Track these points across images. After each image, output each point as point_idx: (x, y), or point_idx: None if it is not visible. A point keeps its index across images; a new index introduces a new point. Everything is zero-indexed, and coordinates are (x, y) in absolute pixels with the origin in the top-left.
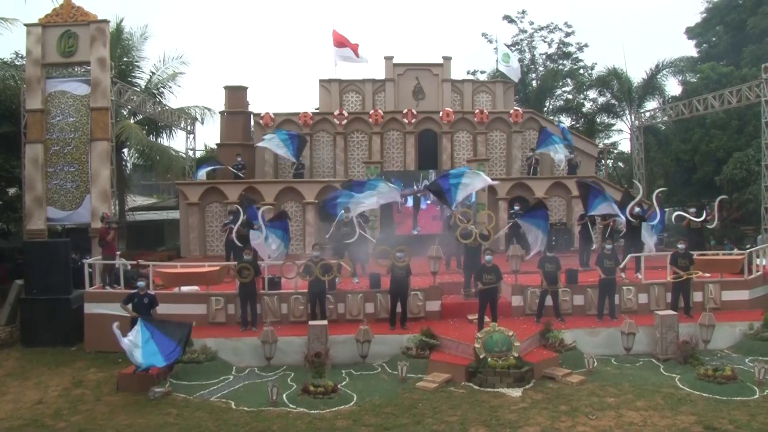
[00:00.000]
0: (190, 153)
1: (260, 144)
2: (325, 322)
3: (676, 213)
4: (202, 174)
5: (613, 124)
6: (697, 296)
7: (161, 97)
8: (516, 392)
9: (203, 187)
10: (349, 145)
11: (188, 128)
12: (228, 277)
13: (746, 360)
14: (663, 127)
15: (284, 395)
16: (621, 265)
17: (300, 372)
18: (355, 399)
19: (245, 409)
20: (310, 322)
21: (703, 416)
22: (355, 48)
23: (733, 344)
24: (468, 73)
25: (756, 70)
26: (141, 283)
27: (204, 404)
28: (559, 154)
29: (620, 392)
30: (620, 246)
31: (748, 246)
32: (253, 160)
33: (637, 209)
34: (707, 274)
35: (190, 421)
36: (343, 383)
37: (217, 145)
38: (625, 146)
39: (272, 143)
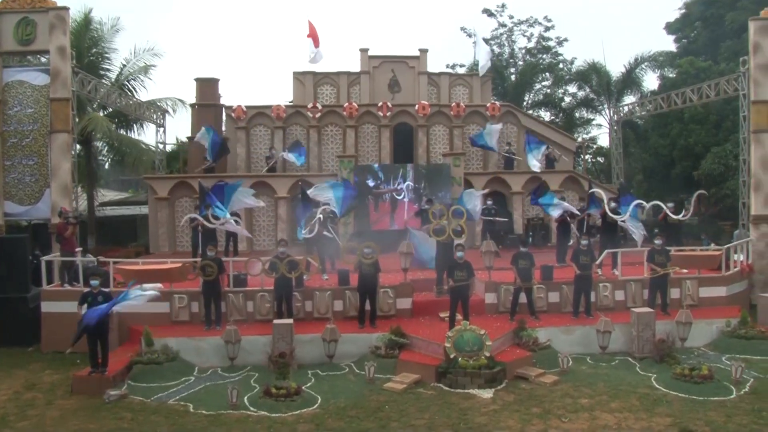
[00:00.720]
0: (161, 146)
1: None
2: (290, 320)
3: (652, 203)
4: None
5: (593, 119)
6: (674, 293)
7: (133, 89)
8: (487, 393)
9: (172, 181)
10: (323, 139)
11: (158, 121)
12: (191, 274)
13: (723, 358)
14: (641, 122)
15: (246, 398)
16: (597, 261)
17: (264, 373)
18: (319, 401)
19: (203, 412)
20: (275, 321)
21: (678, 418)
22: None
23: (710, 342)
24: (447, 67)
25: (734, 65)
26: (94, 282)
27: (161, 407)
28: (534, 162)
29: (595, 393)
30: (597, 242)
31: (725, 241)
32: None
33: (613, 204)
34: (685, 270)
35: (145, 426)
36: (308, 384)
37: (188, 138)
38: (603, 141)
39: (201, 137)
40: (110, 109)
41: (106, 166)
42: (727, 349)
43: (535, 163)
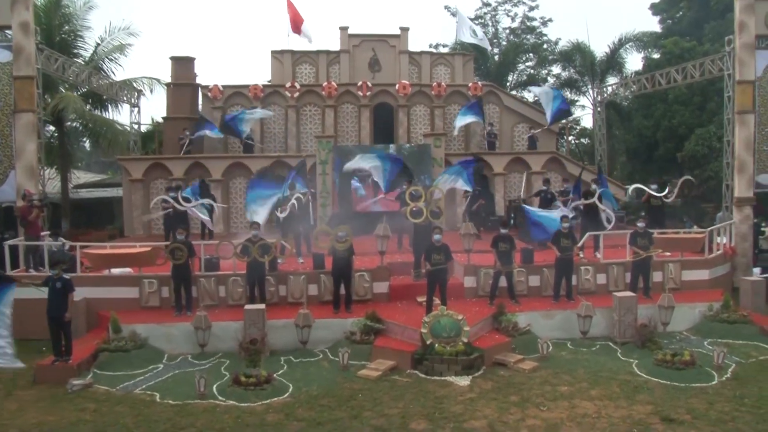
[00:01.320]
0: (135, 127)
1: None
2: (262, 306)
3: (635, 186)
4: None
5: (576, 101)
6: (656, 276)
7: (108, 69)
8: (464, 381)
9: (146, 162)
10: (302, 119)
11: (133, 101)
12: (161, 258)
13: (705, 342)
14: (625, 103)
15: (215, 386)
16: (579, 244)
17: (236, 360)
18: (290, 389)
19: (170, 402)
20: (246, 307)
21: (660, 406)
22: (299, 22)
23: (693, 326)
24: (430, 46)
25: (719, 46)
26: (53, 270)
27: (126, 397)
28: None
29: (574, 380)
30: (578, 224)
31: (707, 223)
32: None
33: (593, 186)
34: (667, 253)
35: (108, 417)
36: (280, 372)
37: (163, 118)
38: (587, 122)
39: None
40: (85, 89)
41: (87, 147)
42: (709, 334)
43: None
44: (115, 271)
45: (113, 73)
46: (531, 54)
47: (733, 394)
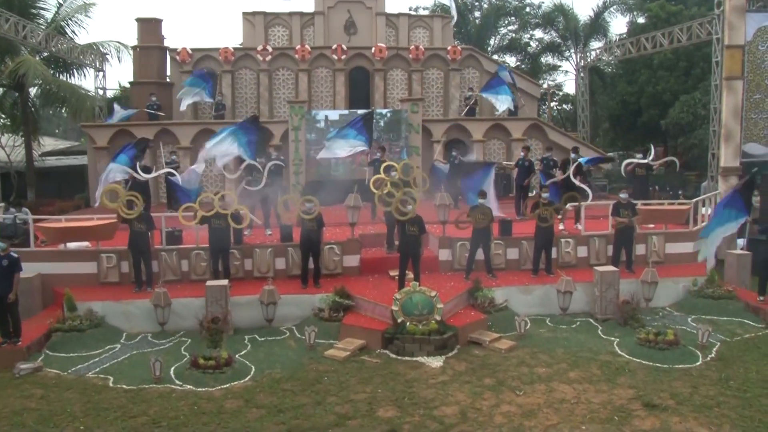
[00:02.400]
0: (100, 92)
1: (182, 104)
2: (225, 282)
3: (627, 162)
4: (117, 118)
5: (559, 66)
6: (639, 249)
7: (71, 32)
8: (436, 362)
9: (112, 129)
10: (274, 84)
11: (97, 65)
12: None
13: (689, 319)
14: (609, 69)
15: (172, 369)
16: (559, 215)
17: (198, 339)
18: (252, 372)
19: (124, 387)
20: (208, 283)
21: (642, 389)
22: None
23: (676, 301)
24: (410, 9)
25: (705, 10)
26: (1, 244)
27: (77, 382)
28: (502, 104)
29: (553, 360)
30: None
31: (690, 192)
32: (169, 99)
33: (572, 155)
34: (651, 225)
35: (55, 405)
36: (243, 352)
37: (130, 83)
38: (569, 88)
39: (188, 95)
40: (46, 53)
41: (64, 113)
42: (693, 310)
43: (502, 107)
44: (72, 245)
45: (76, 35)
46: (513, 17)
47: (718, 377)
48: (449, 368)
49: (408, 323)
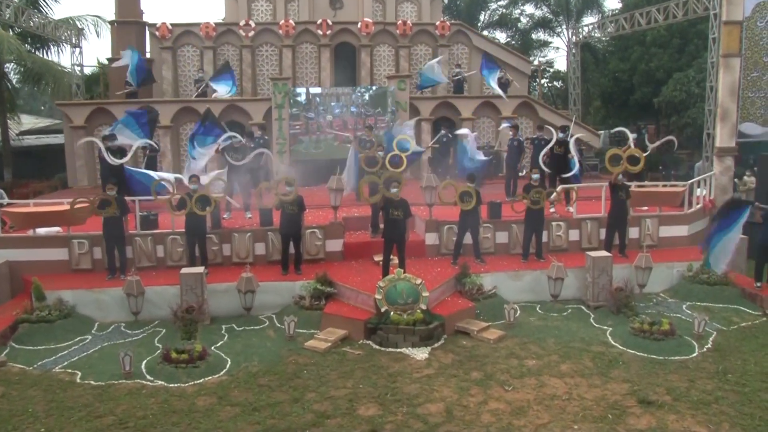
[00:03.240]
0: (77, 69)
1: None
2: (201, 269)
3: (617, 129)
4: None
5: (550, 42)
6: (632, 232)
7: (46, 6)
8: (422, 353)
9: (89, 107)
10: (257, 60)
11: (74, 41)
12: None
13: (684, 306)
14: (600, 45)
15: (144, 363)
16: (550, 198)
17: (173, 329)
18: (228, 365)
19: (92, 383)
20: (183, 271)
21: (636, 384)
22: None
23: (670, 287)
24: None
25: None
26: None
27: (42, 378)
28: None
29: (543, 351)
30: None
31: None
32: (149, 76)
33: (561, 134)
34: (644, 208)
35: (16, 404)
36: (219, 343)
37: (108, 60)
38: (561, 65)
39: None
40: (20, 29)
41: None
42: (688, 296)
43: (495, 86)
44: (41, 230)
45: (51, 10)
46: None
47: (716, 369)
48: (435, 360)
49: (392, 312)
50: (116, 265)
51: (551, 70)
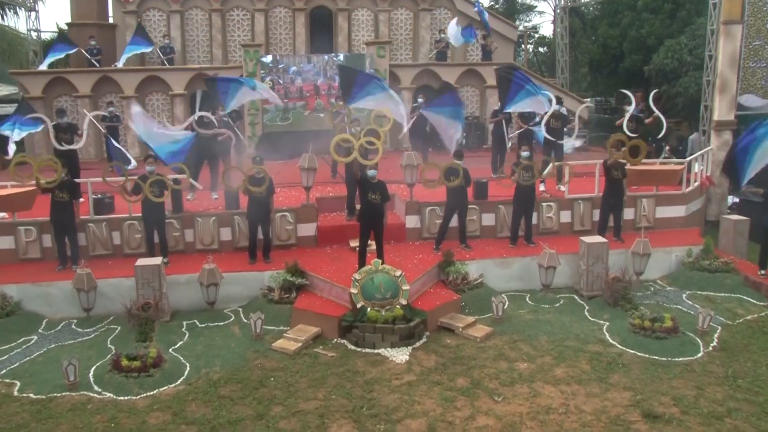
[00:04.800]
0: (34, 35)
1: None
2: (158, 261)
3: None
4: (49, 61)
5: (535, 6)
6: (627, 213)
7: None
8: (402, 355)
9: (47, 77)
10: (228, 25)
11: (29, 4)
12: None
13: (683, 296)
14: (589, 10)
15: (93, 369)
16: (541, 176)
17: (129, 326)
18: (186, 372)
19: (31, 396)
20: (138, 262)
21: (639, 392)
22: None
23: (668, 273)
24: None
25: None
26: None
27: None
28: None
29: (536, 352)
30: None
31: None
32: (112, 43)
33: (557, 106)
34: (634, 186)
35: None
36: (179, 344)
37: (67, 25)
38: (546, 30)
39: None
40: None
41: None
42: (688, 284)
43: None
44: None
45: None
46: None
47: (725, 373)
48: (416, 363)
49: (369, 309)
50: (67, 254)
51: (536, 35)
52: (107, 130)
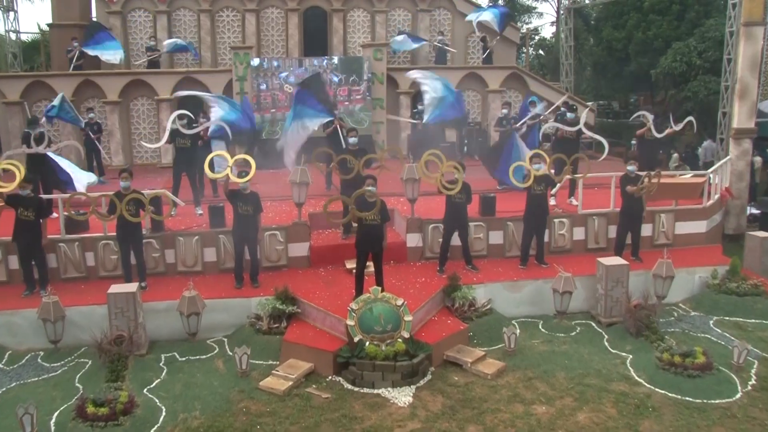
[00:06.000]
0: (13, 36)
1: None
2: (133, 287)
3: (639, 113)
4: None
5: (534, 8)
6: (645, 229)
7: None
8: (404, 396)
9: (25, 80)
10: (218, 26)
11: (7, 3)
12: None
13: (711, 323)
14: (593, 11)
15: (55, 415)
16: (554, 190)
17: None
18: (162, 418)
19: None
20: (111, 289)
21: None
22: None
23: (691, 296)
24: None
25: None
26: None
27: None
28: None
29: (554, 391)
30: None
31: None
32: None
33: (569, 114)
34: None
35: None
36: (155, 383)
37: (49, 26)
38: (546, 32)
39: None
40: None
41: None
42: (714, 309)
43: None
44: None
45: None
46: None
47: None
48: (421, 407)
49: (368, 343)
50: (34, 278)
51: (537, 37)
52: (86, 140)
